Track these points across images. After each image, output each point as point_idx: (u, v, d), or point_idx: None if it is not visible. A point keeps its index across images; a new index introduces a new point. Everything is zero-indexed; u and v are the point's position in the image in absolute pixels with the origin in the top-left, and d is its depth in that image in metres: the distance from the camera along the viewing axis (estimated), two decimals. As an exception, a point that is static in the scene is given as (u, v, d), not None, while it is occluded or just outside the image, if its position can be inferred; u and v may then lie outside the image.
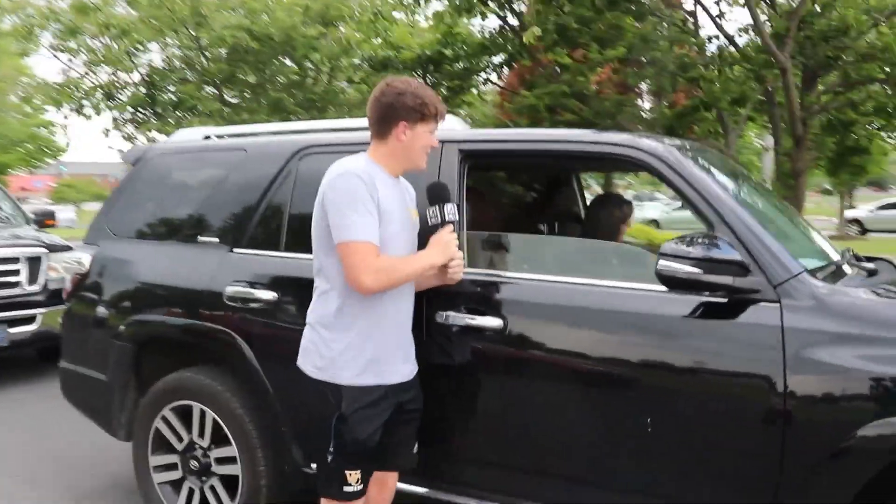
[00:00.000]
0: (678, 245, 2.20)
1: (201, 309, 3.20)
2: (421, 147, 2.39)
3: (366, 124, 2.44)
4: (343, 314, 2.33)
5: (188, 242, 3.38)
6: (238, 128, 3.77)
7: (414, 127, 2.35)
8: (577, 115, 9.63)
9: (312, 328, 2.40)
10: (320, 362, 2.34)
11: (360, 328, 2.33)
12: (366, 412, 2.33)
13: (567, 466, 2.51)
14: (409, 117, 2.33)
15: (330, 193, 2.27)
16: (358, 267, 2.22)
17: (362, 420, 2.32)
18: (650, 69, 8.95)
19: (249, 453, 3.08)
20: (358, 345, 2.33)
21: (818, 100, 8.65)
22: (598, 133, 2.83)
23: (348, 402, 2.31)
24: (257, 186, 3.23)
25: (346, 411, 2.30)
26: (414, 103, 2.32)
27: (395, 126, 2.34)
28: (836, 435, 2.07)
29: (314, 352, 2.36)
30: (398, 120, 2.33)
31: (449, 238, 2.41)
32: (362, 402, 2.32)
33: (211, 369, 3.25)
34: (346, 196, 2.24)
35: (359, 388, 2.32)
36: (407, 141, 2.36)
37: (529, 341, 2.56)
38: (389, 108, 2.33)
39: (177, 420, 3.27)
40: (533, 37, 7.20)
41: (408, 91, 2.33)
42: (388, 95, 2.33)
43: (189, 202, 3.49)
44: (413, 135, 2.35)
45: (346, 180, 2.26)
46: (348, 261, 2.24)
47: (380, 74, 11.93)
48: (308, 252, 3.02)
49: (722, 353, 2.27)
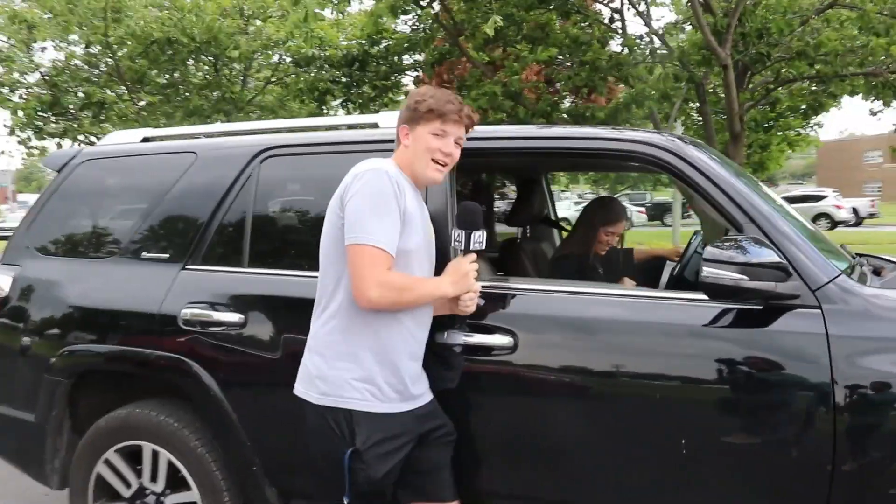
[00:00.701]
0: (721, 250, 1.99)
1: (151, 335, 2.80)
2: (424, 150, 2.13)
3: (333, 122, 2.22)
4: (353, 331, 2.04)
5: (131, 259, 2.97)
6: (185, 129, 3.37)
7: (414, 129, 2.13)
8: (510, 116, 9.51)
9: (315, 350, 2.10)
10: (324, 387, 2.04)
11: (374, 347, 2.05)
12: (384, 446, 2.04)
13: (591, 497, 2.27)
14: (408, 119, 2.15)
15: (355, 186, 2.00)
16: (366, 276, 1.95)
17: (380, 456, 2.04)
18: (583, 70, 8.91)
19: (214, 496, 2.71)
20: (370, 366, 2.05)
21: (752, 96, 8.86)
22: (610, 130, 2.61)
23: (363, 435, 2.02)
24: (212, 194, 2.86)
25: (362, 446, 2.01)
26: (409, 103, 2.15)
27: (399, 129, 2.18)
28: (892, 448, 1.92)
29: (316, 376, 2.06)
30: (400, 123, 2.17)
31: (469, 269, 2.14)
32: (380, 432, 2.04)
33: (163, 403, 2.86)
34: (372, 194, 1.98)
35: (373, 415, 2.04)
36: (411, 145, 2.15)
37: (542, 360, 2.31)
38: (398, 120, 2.20)
39: (123, 463, 2.87)
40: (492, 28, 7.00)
41: (415, 95, 2.17)
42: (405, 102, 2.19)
43: (129, 214, 3.08)
44: (415, 137, 2.14)
45: (378, 177, 2.00)
46: (357, 266, 1.97)
47: (303, 73, 11.50)
48: (277, 268, 2.75)
49: (760, 365, 2.08)
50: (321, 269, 2.13)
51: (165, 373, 2.80)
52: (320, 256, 2.13)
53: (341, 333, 2.05)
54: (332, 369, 2.04)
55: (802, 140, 15.15)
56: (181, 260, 2.85)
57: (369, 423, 2.03)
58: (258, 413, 2.65)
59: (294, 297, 2.63)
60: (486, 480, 2.40)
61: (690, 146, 2.39)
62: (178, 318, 2.74)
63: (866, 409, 1.97)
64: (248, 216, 2.79)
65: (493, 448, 2.37)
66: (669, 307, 2.24)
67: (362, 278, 1.95)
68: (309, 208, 2.82)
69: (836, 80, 8.08)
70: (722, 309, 2.14)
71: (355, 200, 1.98)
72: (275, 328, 2.63)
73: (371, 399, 2.05)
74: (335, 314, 2.06)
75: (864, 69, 7.79)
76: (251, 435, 2.65)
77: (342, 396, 2.03)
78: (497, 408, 2.36)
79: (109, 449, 2.86)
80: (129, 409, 2.86)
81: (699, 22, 7.12)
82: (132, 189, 3.19)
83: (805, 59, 7.46)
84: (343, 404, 2.03)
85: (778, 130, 12.83)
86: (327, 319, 2.08)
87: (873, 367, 1.97)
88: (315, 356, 2.09)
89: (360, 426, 2.02)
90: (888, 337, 1.99)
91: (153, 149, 3.16)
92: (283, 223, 2.86)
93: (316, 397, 2.05)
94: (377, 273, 1.94)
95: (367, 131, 2.82)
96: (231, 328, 2.67)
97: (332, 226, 2.07)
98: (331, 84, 10.50)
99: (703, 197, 2.27)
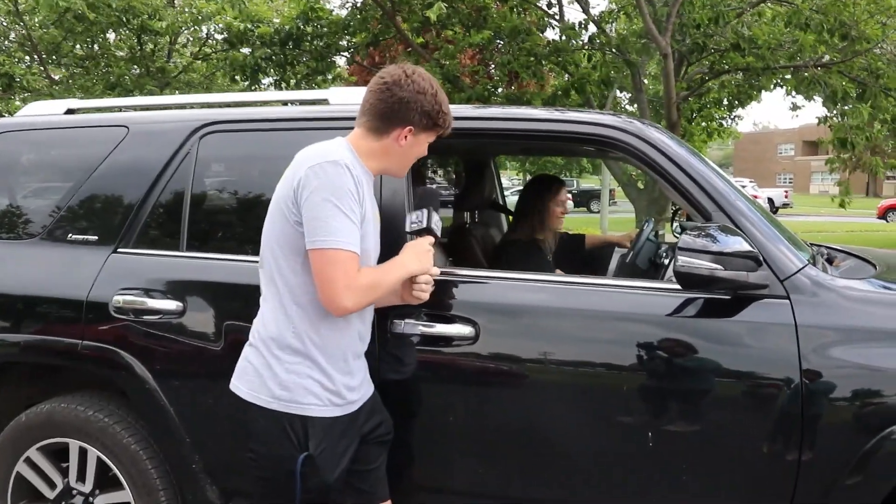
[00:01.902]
0: (696, 238, 1.94)
1: (77, 324, 2.58)
2: (415, 156, 2.01)
3: (278, 96, 2.02)
4: (306, 332, 1.89)
5: (53, 242, 2.73)
6: (114, 101, 3.12)
7: (418, 135, 1.95)
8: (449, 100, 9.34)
9: (264, 349, 1.92)
10: (279, 391, 1.88)
11: (327, 348, 1.91)
12: (335, 449, 1.93)
13: (559, 492, 2.20)
14: (420, 123, 1.93)
15: (313, 183, 1.80)
16: (337, 283, 1.79)
17: (331, 458, 1.92)
18: (521, 55, 8.85)
19: (149, 497, 2.53)
20: (325, 368, 1.91)
21: (688, 86, 9.00)
22: (567, 112, 2.53)
23: (317, 439, 1.89)
24: (146, 173, 2.65)
25: (315, 450, 1.88)
26: (431, 109, 1.92)
27: (400, 128, 1.93)
28: (862, 439, 1.91)
29: (269, 377, 1.89)
30: (406, 123, 1.92)
31: (428, 246, 2.01)
32: (333, 436, 1.92)
33: (91, 397, 2.65)
34: (334, 192, 1.79)
35: (330, 420, 1.91)
36: (405, 147, 1.96)
37: (506, 350, 2.22)
38: (402, 105, 1.91)
39: (46, 462, 2.65)
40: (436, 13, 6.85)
41: (429, 92, 1.92)
42: (407, 90, 1.90)
43: (51, 192, 2.83)
44: (414, 142, 1.96)
45: (338, 173, 1.81)
46: (326, 273, 1.80)
47: (234, 51, 11.05)
48: (216, 252, 2.57)
49: (729, 355, 2.04)
50: (265, 260, 1.94)
51: (94, 364, 2.59)
52: (263, 247, 1.95)
53: (293, 333, 1.89)
54: (287, 372, 1.88)
55: (724, 131, 15.57)
56: (112, 243, 2.63)
57: (325, 427, 1.91)
58: (198, 407, 2.47)
59: (236, 284, 2.47)
60: (449, 477, 2.31)
61: (652, 128, 2.33)
62: (108, 305, 2.53)
63: (834, 400, 1.95)
64: (186, 196, 2.59)
65: (454, 443, 2.28)
66: (637, 297, 2.18)
67: (333, 286, 1.80)
68: (252, 189, 2.64)
69: (768, 72, 8.29)
70: (687, 298, 2.10)
71: (315, 199, 1.79)
72: (216, 316, 2.46)
73: (329, 405, 1.92)
74: (285, 312, 1.90)
75: (793, 62, 8.01)
76: (190, 431, 2.47)
77: (300, 403, 1.88)
78: (457, 400, 2.26)
79: (31, 447, 2.63)
80: (53, 403, 2.64)
81: (641, 10, 7.16)
82: (54, 165, 2.93)
83: (738, 51, 7.61)
84: (300, 411, 1.88)
85: (701, 121, 13.13)
86: (273, 309, 1.92)
87: (842, 357, 1.95)
88: (264, 354, 1.91)
89: (314, 431, 1.89)
90: (856, 327, 1.98)
91: (78, 121, 2.90)
92: (224, 205, 2.68)
93: (268, 401, 1.89)
94: (348, 279, 1.80)
95: (317, 108, 2.66)
96: (168, 316, 2.48)
97: (282, 220, 1.87)
98: (262, 62, 10.12)
99: (667, 182, 2.21)
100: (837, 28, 7.81)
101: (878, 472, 1.91)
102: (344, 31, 10.40)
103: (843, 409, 1.96)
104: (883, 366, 1.93)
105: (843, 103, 7.94)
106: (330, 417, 1.91)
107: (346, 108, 2.41)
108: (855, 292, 2.06)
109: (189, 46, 14.37)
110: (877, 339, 1.96)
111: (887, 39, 8.30)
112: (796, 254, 2.11)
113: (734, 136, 18.46)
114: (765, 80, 8.66)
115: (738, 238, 1.96)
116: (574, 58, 9.06)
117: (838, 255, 2.80)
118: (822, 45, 7.76)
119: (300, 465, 1.86)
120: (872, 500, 1.93)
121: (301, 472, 1.87)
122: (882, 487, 1.92)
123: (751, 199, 2.26)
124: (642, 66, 9.14)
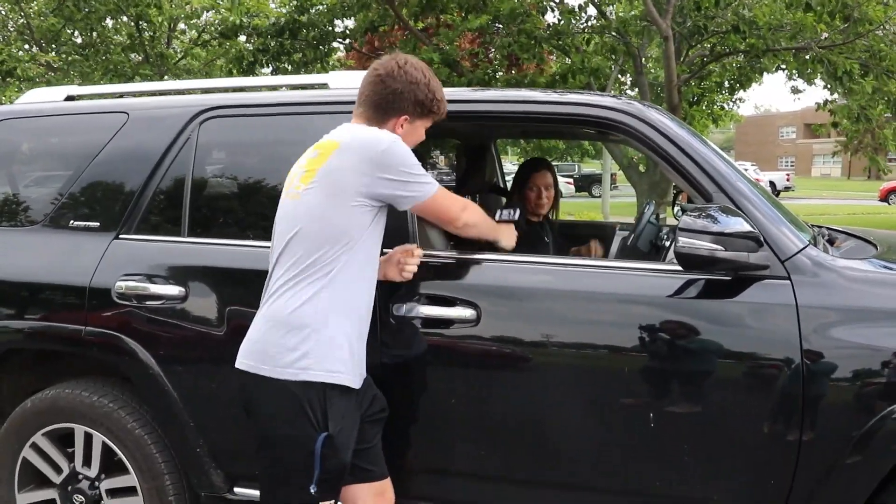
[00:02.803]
0: (696, 219, 1.94)
1: (80, 310, 2.59)
2: (412, 143, 2.06)
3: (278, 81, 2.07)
4: (334, 305, 1.93)
5: (55, 229, 2.73)
6: (114, 87, 3.11)
7: (414, 122, 2.06)
8: (446, 84, 9.29)
9: (290, 329, 1.92)
10: (305, 361, 1.90)
11: (350, 318, 1.98)
12: (350, 427, 1.97)
13: (561, 473, 2.22)
14: (414, 112, 2.04)
15: (394, 156, 1.95)
16: (454, 208, 2.10)
17: (347, 437, 1.95)
18: (521, 38, 8.80)
19: (155, 481, 2.55)
20: (347, 338, 1.96)
21: (689, 69, 8.96)
22: (567, 93, 2.52)
23: (336, 418, 1.91)
24: (147, 159, 2.65)
25: (334, 429, 1.91)
26: (425, 97, 2.03)
27: (395, 117, 2.04)
28: (862, 419, 1.92)
29: (289, 352, 1.91)
30: (402, 113, 2.04)
31: (515, 234, 2.37)
32: (349, 413, 1.96)
33: (95, 383, 2.66)
34: (403, 154, 1.97)
35: (350, 394, 1.97)
36: (402, 134, 2.04)
37: (507, 332, 2.23)
38: (396, 96, 2.02)
39: (52, 447, 2.67)
40: None
41: (421, 82, 2.03)
42: (399, 81, 2.02)
43: (53, 179, 2.84)
44: (411, 129, 2.07)
45: (394, 139, 1.98)
46: (442, 208, 2.08)
47: (230, 42, 11.01)
48: (218, 237, 2.57)
49: (730, 336, 2.05)
50: (290, 242, 1.96)
51: (98, 350, 2.60)
52: (293, 231, 1.96)
53: (328, 304, 1.92)
54: (313, 341, 1.91)
55: (726, 115, 15.51)
56: (114, 229, 2.63)
57: (341, 401, 1.93)
58: (201, 392, 2.49)
59: (239, 269, 2.48)
60: (451, 459, 2.32)
61: (652, 110, 2.33)
62: (111, 291, 2.54)
63: (835, 381, 1.96)
64: (187, 182, 2.59)
65: (455, 425, 2.29)
66: (638, 278, 2.19)
67: (453, 212, 2.09)
68: (253, 174, 2.65)
69: (769, 54, 8.24)
70: (688, 279, 2.11)
71: (400, 168, 1.94)
72: (218, 301, 2.47)
73: (348, 373, 1.95)
74: (315, 288, 1.92)
75: (795, 44, 7.96)
76: (194, 415, 2.49)
77: (329, 371, 1.91)
78: (459, 382, 2.27)
79: (37, 432, 2.65)
80: (58, 389, 2.65)
81: (642, -8, 7.12)
82: (55, 152, 2.94)
83: (738, 34, 7.56)
84: (329, 378, 1.91)
85: (703, 104, 13.08)
86: (302, 293, 1.93)
87: (842, 337, 1.96)
88: (288, 329, 1.92)
89: (332, 405, 1.91)
90: (856, 307, 1.98)
91: (79, 108, 2.89)
92: (225, 190, 2.68)
93: (293, 373, 1.90)
94: (461, 202, 2.12)
95: (318, 92, 2.65)
96: (170, 301, 2.49)
97: (339, 203, 1.92)
98: (258, 53, 10.09)
99: (668, 163, 2.20)
100: (839, 9, 7.77)
101: (879, 452, 1.92)
102: (341, 12, 10.33)
103: (843, 389, 1.96)
104: (883, 346, 1.93)
105: (846, 80, 7.87)
106: (352, 389, 1.96)
107: (347, 92, 2.40)
108: (856, 272, 2.07)
109: (188, 32, 14.29)
110: (877, 319, 1.96)
111: (890, 21, 8.25)
112: (797, 234, 2.11)
113: (736, 119, 18.37)
114: (766, 61, 8.61)
115: (739, 219, 1.96)
116: (575, 41, 9.02)
117: (839, 236, 2.79)
118: (822, 25, 7.69)
119: (321, 446, 1.87)
120: (872, 479, 1.95)
121: (322, 452, 1.88)
122: (882, 467, 1.93)
123: (752, 181, 2.26)
124: (643, 49, 9.09)
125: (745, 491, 2.06)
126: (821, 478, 1.97)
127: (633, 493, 2.17)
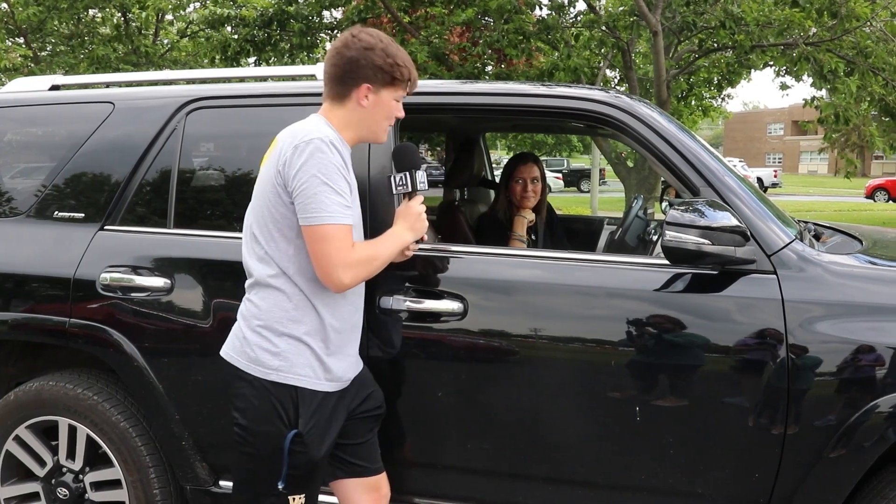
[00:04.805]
0: (683, 213, 1.94)
1: (64, 302, 2.57)
2: (384, 117, 1.98)
3: (266, 72, 2.03)
4: (303, 309, 1.90)
5: (39, 220, 2.70)
6: (100, 77, 3.08)
7: (379, 91, 1.94)
8: (434, 77, 9.35)
9: (259, 326, 1.92)
10: (276, 362, 1.89)
11: (323, 324, 1.92)
12: (324, 425, 1.94)
13: (548, 466, 2.22)
14: (375, 79, 1.92)
15: (298, 161, 1.81)
16: (333, 259, 1.82)
17: (320, 435, 1.93)
18: (509, 33, 8.80)
19: (139, 474, 2.54)
20: (321, 344, 1.92)
21: (678, 64, 8.98)
22: (556, 87, 2.52)
23: (307, 416, 1.90)
24: (132, 149, 2.63)
25: (304, 427, 1.89)
26: (383, 62, 1.91)
27: (356, 88, 1.93)
28: (846, 412, 1.93)
29: (262, 350, 1.90)
30: (362, 81, 1.92)
31: (420, 209, 2.03)
32: (323, 412, 1.93)
33: (80, 375, 2.64)
34: (321, 169, 1.80)
35: (321, 395, 1.93)
36: (369, 107, 1.95)
37: (494, 326, 2.22)
38: (353, 64, 1.91)
39: (36, 440, 2.65)
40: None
41: (377, 47, 1.91)
42: (353, 49, 1.91)
43: (37, 170, 2.81)
44: (377, 100, 1.95)
45: (322, 149, 1.82)
46: (321, 250, 1.82)
47: (218, 32, 10.93)
48: (204, 228, 2.56)
49: (716, 330, 2.06)
50: (252, 233, 1.95)
51: (82, 342, 2.58)
52: (253, 229, 1.94)
53: (290, 311, 1.90)
54: (286, 344, 1.90)
55: (714, 111, 15.57)
56: (98, 220, 2.61)
57: (315, 403, 1.92)
58: (187, 384, 2.47)
59: (224, 260, 2.46)
60: (439, 452, 2.32)
61: (641, 104, 2.33)
62: (96, 283, 2.52)
63: (820, 375, 1.97)
64: (173, 173, 2.57)
65: (442, 419, 2.29)
66: (624, 272, 2.19)
67: (329, 262, 1.82)
68: (239, 165, 2.63)
69: (757, 50, 8.27)
70: (675, 273, 2.11)
71: (302, 177, 1.80)
72: (204, 293, 2.46)
73: (322, 381, 1.93)
74: (282, 290, 1.90)
75: (782, 40, 8.00)
76: (179, 407, 2.47)
77: (297, 374, 1.90)
78: (446, 376, 2.27)
79: (20, 425, 2.63)
80: (41, 381, 2.63)
81: (632, -13, 7.12)
82: (40, 142, 2.91)
83: (726, 30, 7.58)
84: (294, 381, 1.89)
85: (692, 100, 13.13)
86: (263, 288, 1.92)
87: (827, 331, 1.97)
88: (259, 331, 1.92)
89: (305, 407, 1.90)
90: (841, 302, 1.99)
91: (63, 98, 2.86)
92: (211, 181, 2.66)
93: (264, 372, 1.90)
94: (344, 255, 1.83)
95: (305, 83, 2.63)
96: (155, 293, 2.48)
97: (276, 201, 1.87)
98: (245, 43, 10.03)
99: (656, 157, 2.21)
100: (827, 6, 7.80)
101: (862, 446, 1.94)
102: (329, 3, 10.28)
103: (828, 383, 1.97)
104: (867, 340, 1.94)
105: (832, 79, 7.92)
106: (321, 392, 1.93)
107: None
108: (841, 267, 2.08)
109: (175, 24, 14.20)
110: (862, 314, 1.97)
111: (876, 17, 8.29)
112: (783, 229, 2.12)
113: (724, 115, 18.44)
114: (754, 57, 8.64)
115: (726, 213, 1.97)
116: (564, 35, 9.02)
117: (825, 232, 2.81)
118: (809, 20, 7.72)
119: (289, 443, 1.87)
120: (856, 472, 1.96)
121: (290, 449, 1.88)
122: (865, 460, 1.95)
123: (739, 176, 2.27)
124: (632, 44, 9.10)
125: (730, 484, 2.07)
126: (805, 471, 1.98)
127: (620, 486, 2.18)
